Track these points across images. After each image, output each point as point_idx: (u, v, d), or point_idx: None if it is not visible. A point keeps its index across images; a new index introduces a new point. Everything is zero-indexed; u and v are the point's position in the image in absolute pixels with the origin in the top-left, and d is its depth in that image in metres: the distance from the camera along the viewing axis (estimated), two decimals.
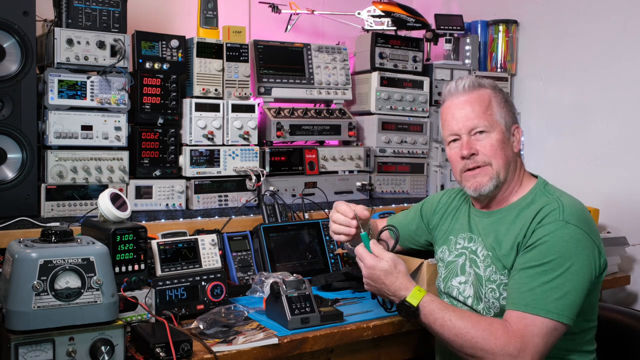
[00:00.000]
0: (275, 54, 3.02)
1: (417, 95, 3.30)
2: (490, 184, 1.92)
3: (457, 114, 1.94)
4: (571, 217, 1.78)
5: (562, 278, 1.73)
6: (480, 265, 1.94)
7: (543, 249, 1.77)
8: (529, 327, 1.71)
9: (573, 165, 3.32)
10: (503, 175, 1.92)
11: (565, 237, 1.76)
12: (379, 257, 1.91)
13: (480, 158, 1.92)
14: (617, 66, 3.15)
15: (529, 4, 3.55)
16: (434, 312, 1.82)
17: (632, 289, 3.10)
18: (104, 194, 1.98)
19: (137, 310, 1.86)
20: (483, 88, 1.97)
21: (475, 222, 2.03)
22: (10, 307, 1.53)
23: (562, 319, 1.71)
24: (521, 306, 1.74)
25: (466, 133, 1.93)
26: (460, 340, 1.76)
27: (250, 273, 2.50)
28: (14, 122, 2.28)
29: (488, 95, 1.95)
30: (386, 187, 3.20)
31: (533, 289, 1.74)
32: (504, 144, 1.92)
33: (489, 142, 1.91)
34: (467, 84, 1.96)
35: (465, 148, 1.92)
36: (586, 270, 1.75)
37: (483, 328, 1.74)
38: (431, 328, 1.83)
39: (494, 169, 1.91)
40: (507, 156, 1.93)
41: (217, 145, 2.74)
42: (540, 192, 1.92)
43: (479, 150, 1.92)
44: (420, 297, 1.84)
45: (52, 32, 2.40)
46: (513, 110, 1.99)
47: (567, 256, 1.74)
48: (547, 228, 1.79)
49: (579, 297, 1.74)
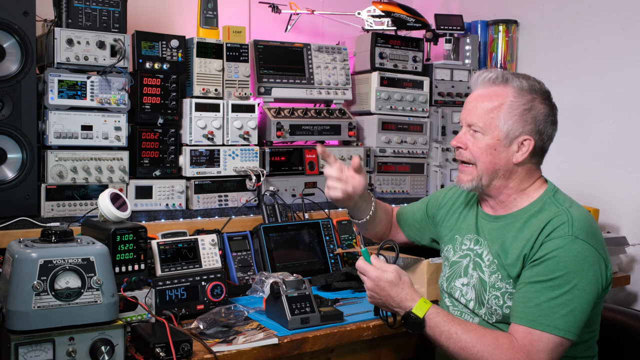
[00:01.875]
0: (275, 54, 3.02)
1: (417, 95, 3.30)
2: (469, 185, 1.91)
3: (468, 104, 1.92)
4: (580, 232, 1.75)
5: (570, 294, 1.71)
6: (485, 270, 1.91)
7: (551, 264, 1.74)
8: (535, 343, 1.70)
9: (573, 165, 3.32)
10: (486, 181, 1.89)
11: (573, 253, 1.74)
12: (383, 269, 1.87)
13: (466, 154, 1.91)
14: (617, 66, 3.15)
15: (529, 4, 3.55)
16: (440, 325, 1.79)
17: (632, 289, 3.10)
18: (104, 194, 1.99)
19: (137, 310, 1.86)
20: (506, 86, 1.87)
21: (482, 225, 1.99)
22: (10, 307, 1.53)
23: (568, 335, 1.70)
24: (528, 321, 1.72)
25: (466, 125, 1.92)
26: (465, 354, 1.75)
27: (250, 273, 2.50)
28: (14, 122, 2.28)
29: (504, 97, 1.86)
30: (386, 187, 3.20)
31: (540, 304, 1.72)
32: (495, 150, 1.86)
33: (479, 143, 1.87)
34: (491, 77, 1.89)
35: (456, 139, 1.93)
36: (593, 286, 1.74)
37: (489, 342, 1.73)
38: (437, 340, 1.81)
39: (478, 171, 1.89)
40: (495, 163, 1.87)
41: (217, 145, 2.74)
42: (549, 201, 1.88)
43: (468, 145, 1.90)
44: (426, 309, 1.81)
45: (52, 32, 2.40)
46: (532, 122, 1.85)
47: (575, 272, 1.72)
48: (555, 242, 1.76)
49: (585, 313, 1.73)
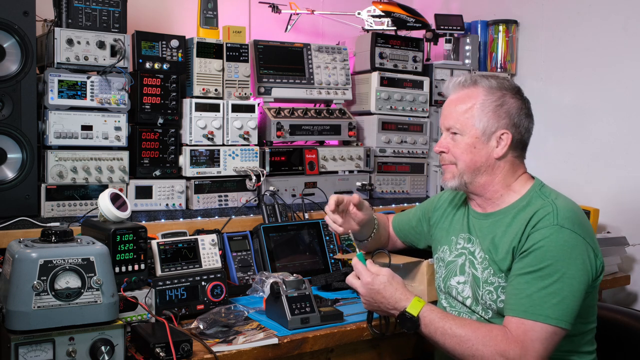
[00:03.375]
0: (275, 54, 3.02)
1: (417, 95, 3.30)
2: (453, 183, 1.97)
3: (445, 110, 2.00)
4: (565, 221, 1.78)
5: (560, 283, 1.73)
6: (478, 267, 1.94)
7: (538, 255, 1.77)
8: (528, 333, 1.71)
9: (573, 165, 3.32)
10: (468, 178, 1.95)
11: (560, 242, 1.76)
12: (376, 273, 1.93)
13: (447, 157, 1.98)
14: (617, 66, 3.15)
15: (529, 4, 3.55)
16: (434, 322, 1.82)
17: (632, 289, 3.10)
18: (104, 194, 1.99)
19: (137, 310, 1.86)
20: (476, 87, 1.94)
21: (473, 224, 2.03)
22: (10, 307, 1.53)
23: (561, 323, 1.72)
24: (520, 312, 1.75)
25: (445, 129, 1.99)
26: (460, 349, 1.77)
27: (250, 273, 2.50)
28: (14, 122, 2.28)
29: (475, 97, 1.92)
30: (386, 187, 3.20)
31: (530, 294, 1.74)
32: (474, 148, 1.91)
33: (459, 144, 1.94)
34: (461, 81, 1.98)
35: (438, 145, 2.00)
36: (582, 274, 1.76)
37: (483, 335, 1.75)
38: (432, 337, 1.83)
39: (458, 170, 1.95)
40: (476, 161, 1.92)
41: (217, 145, 2.74)
42: (536, 195, 1.91)
43: (449, 148, 1.96)
44: (420, 307, 1.85)
45: (52, 32, 2.40)
46: (505, 115, 1.89)
47: (563, 261, 1.75)
48: (541, 233, 1.79)
49: (576, 301, 1.75)
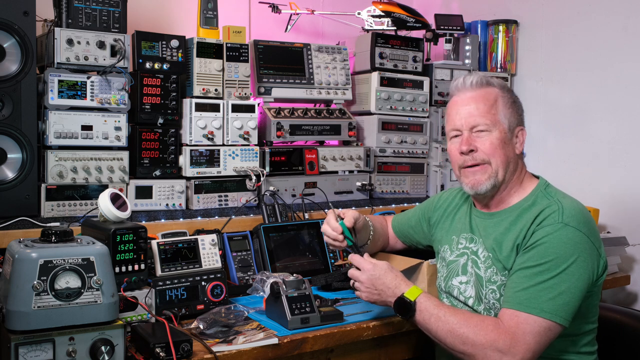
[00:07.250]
0: (275, 54, 3.01)
1: (417, 95, 3.30)
2: (488, 183, 1.91)
3: (462, 110, 1.94)
4: (571, 219, 1.78)
5: (558, 278, 1.73)
6: (481, 266, 1.94)
7: (541, 250, 1.77)
8: (520, 325, 1.71)
9: (573, 165, 3.32)
10: (502, 175, 1.91)
11: (563, 239, 1.76)
12: (375, 263, 1.94)
13: (479, 155, 1.91)
14: (617, 66, 3.15)
15: (529, 4, 3.55)
16: (429, 309, 1.83)
17: (632, 289, 3.10)
18: (104, 194, 1.99)
19: (137, 310, 1.86)
20: (491, 86, 1.95)
21: (476, 223, 2.02)
22: (10, 307, 1.53)
23: (556, 318, 1.71)
24: (514, 304, 1.74)
25: (467, 130, 1.93)
26: (452, 336, 1.77)
27: (250, 273, 2.50)
28: (14, 122, 2.28)
29: (495, 94, 1.93)
30: (386, 187, 3.20)
31: (527, 288, 1.74)
32: (505, 143, 1.90)
33: (489, 140, 1.90)
34: (475, 81, 1.94)
35: (465, 144, 1.92)
36: (584, 272, 1.75)
37: (474, 324, 1.76)
38: (426, 325, 1.83)
39: (493, 168, 1.90)
40: (507, 156, 1.91)
41: (217, 145, 2.74)
42: (541, 194, 1.91)
43: (478, 147, 1.91)
44: (417, 293, 1.86)
45: (52, 32, 2.40)
46: (520, 112, 1.97)
47: (565, 257, 1.74)
48: (546, 230, 1.79)
49: (575, 298, 1.74)
